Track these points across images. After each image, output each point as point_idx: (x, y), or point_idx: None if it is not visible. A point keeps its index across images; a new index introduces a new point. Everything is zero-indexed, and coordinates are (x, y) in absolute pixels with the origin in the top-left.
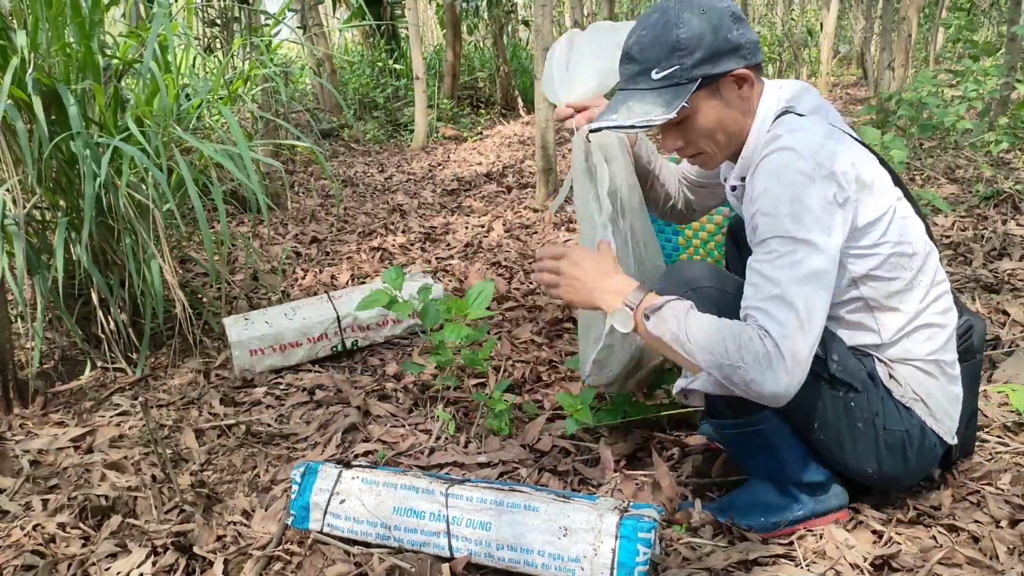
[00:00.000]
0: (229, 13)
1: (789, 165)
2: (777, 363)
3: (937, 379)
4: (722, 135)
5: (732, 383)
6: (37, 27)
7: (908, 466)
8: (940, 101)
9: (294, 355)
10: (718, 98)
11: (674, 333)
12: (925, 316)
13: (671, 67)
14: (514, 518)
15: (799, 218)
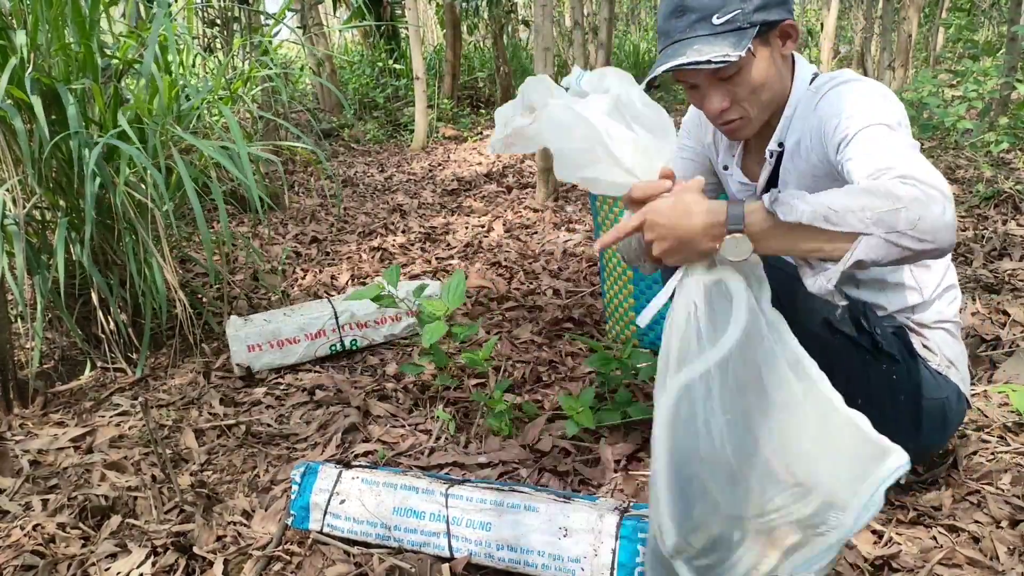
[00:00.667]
0: (229, 13)
1: (863, 86)
2: (933, 195)
3: (959, 341)
4: (767, 93)
5: (899, 232)
6: (37, 27)
7: (946, 432)
8: (940, 101)
9: (292, 352)
10: (769, 50)
11: (813, 210)
12: (949, 276)
13: (732, 11)
14: (514, 518)
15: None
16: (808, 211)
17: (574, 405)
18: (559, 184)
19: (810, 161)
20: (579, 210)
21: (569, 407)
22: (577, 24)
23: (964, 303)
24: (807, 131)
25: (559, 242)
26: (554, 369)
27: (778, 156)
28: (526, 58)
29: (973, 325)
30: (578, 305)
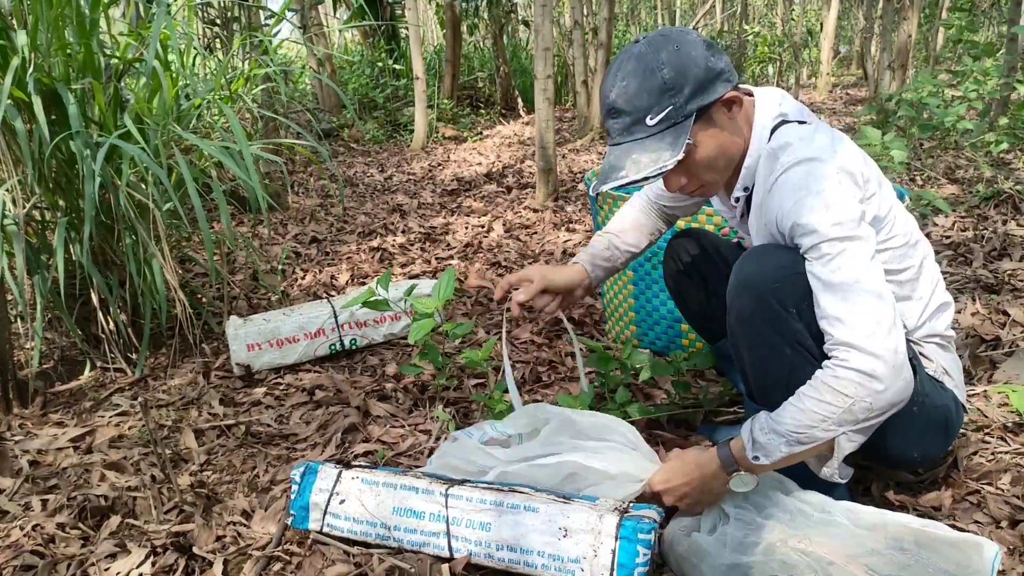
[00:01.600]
0: (229, 12)
1: (814, 173)
2: (877, 368)
3: (952, 353)
4: (723, 160)
5: (862, 421)
6: (37, 27)
7: (948, 441)
8: (940, 101)
9: (292, 351)
10: (713, 126)
11: (786, 440)
12: (936, 298)
13: (665, 108)
14: (514, 519)
15: (839, 219)
16: (783, 447)
17: (574, 404)
18: (559, 184)
19: (773, 234)
20: (579, 210)
21: (569, 405)
22: (577, 24)
23: (963, 305)
24: (767, 207)
25: (559, 242)
26: (554, 369)
27: (745, 199)
28: (526, 58)
29: (973, 325)
30: (578, 305)
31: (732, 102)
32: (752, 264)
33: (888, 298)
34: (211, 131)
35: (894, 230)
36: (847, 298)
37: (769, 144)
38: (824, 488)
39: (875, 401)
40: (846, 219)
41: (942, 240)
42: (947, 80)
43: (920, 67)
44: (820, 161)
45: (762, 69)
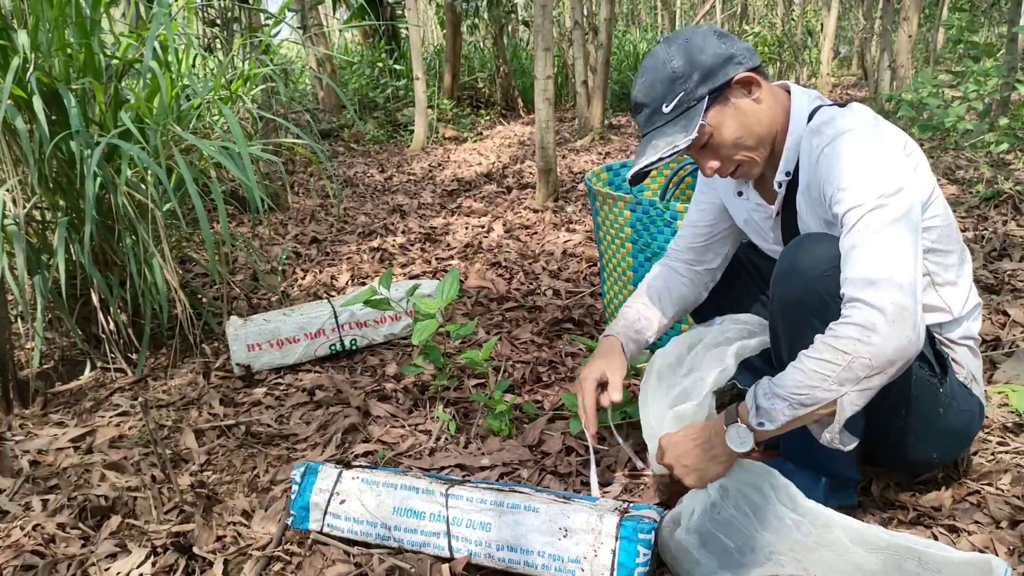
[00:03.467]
0: (229, 13)
1: (854, 142)
2: (876, 321)
3: (978, 358)
4: (750, 140)
5: (864, 378)
6: (38, 27)
7: (966, 445)
8: (941, 102)
9: (292, 352)
10: (732, 107)
11: (789, 404)
12: (972, 296)
13: (676, 96)
14: (514, 519)
15: (879, 184)
16: (786, 411)
17: (575, 404)
18: (559, 185)
19: (823, 215)
20: (579, 210)
21: (572, 404)
22: (577, 24)
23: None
24: (814, 182)
25: (559, 242)
26: (554, 369)
27: (788, 185)
28: (526, 58)
29: None
30: (578, 305)
31: (749, 82)
32: (803, 251)
33: (913, 261)
34: (211, 131)
35: (937, 208)
36: (866, 256)
37: (810, 124)
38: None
39: (874, 357)
40: (886, 185)
41: None
42: (947, 80)
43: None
44: (859, 131)
45: None
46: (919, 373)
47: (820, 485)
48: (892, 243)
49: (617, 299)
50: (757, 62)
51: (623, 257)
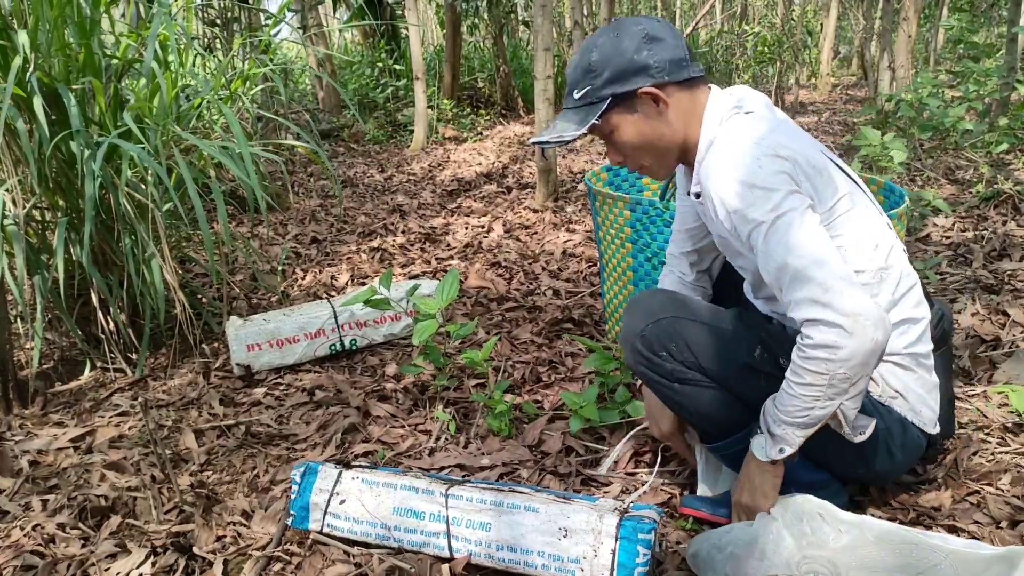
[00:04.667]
0: (229, 13)
1: (734, 160)
2: (838, 339)
3: (914, 372)
4: (651, 149)
5: (848, 387)
6: (38, 27)
7: (895, 461)
8: (940, 102)
9: (292, 352)
10: (636, 114)
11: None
12: (899, 310)
13: (585, 87)
14: (514, 519)
15: (763, 199)
16: (798, 432)
17: (577, 401)
18: (559, 184)
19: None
20: (579, 211)
21: (573, 403)
22: (577, 24)
23: (963, 305)
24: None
25: (559, 242)
26: (554, 369)
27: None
28: (526, 58)
29: (973, 326)
30: (578, 305)
31: (656, 98)
32: (626, 315)
33: (834, 259)
34: (210, 131)
35: (845, 225)
36: (792, 277)
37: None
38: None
39: (849, 369)
40: (771, 200)
41: (942, 240)
42: (947, 81)
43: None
44: (741, 147)
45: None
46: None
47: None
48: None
49: (617, 299)
50: (682, 76)
51: (623, 257)
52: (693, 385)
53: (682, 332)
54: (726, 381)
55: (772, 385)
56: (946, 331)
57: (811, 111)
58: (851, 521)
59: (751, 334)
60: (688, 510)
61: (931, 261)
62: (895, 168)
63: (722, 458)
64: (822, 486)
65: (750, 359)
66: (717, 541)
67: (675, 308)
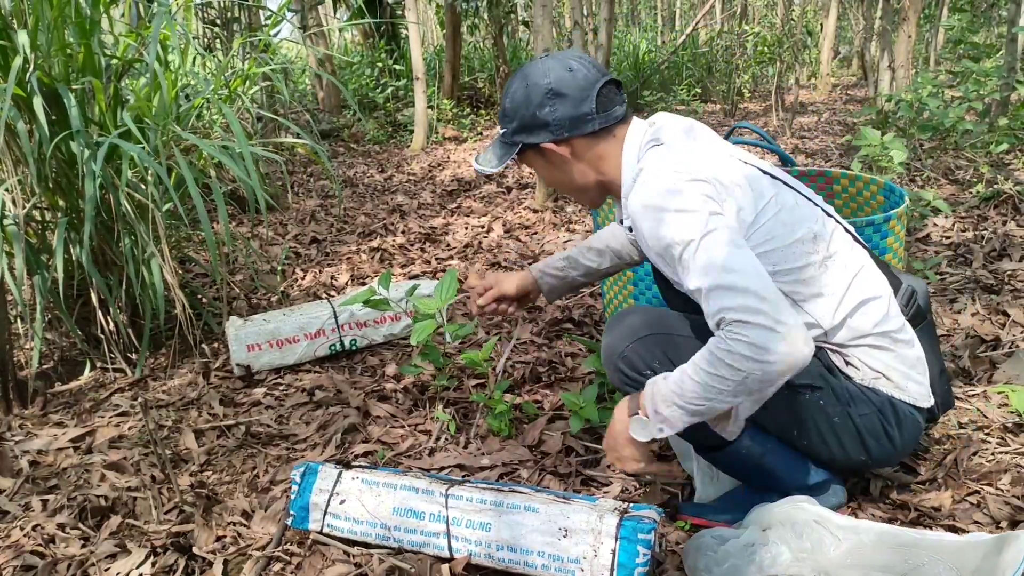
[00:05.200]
0: (229, 13)
1: (655, 191)
2: (769, 341)
3: (891, 350)
4: (566, 188)
5: (757, 391)
6: (38, 27)
7: (895, 443)
8: (940, 102)
9: (292, 352)
10: (544, 160)
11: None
12: (855, 291)
13: (503, 129)
14: (514, 519)
15: (687, 222)
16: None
17: (577, 401)
18: None
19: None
20: (578, 211)
21: (572, 403)
22: (577, 25)
23: (963, 305)
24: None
25: (559, 242)
26: (554, 369)
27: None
28: (526, 58)
29: (973, 326)
30: (578, 305)
31: (556, 152)
32: (606, 336)
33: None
34: (210, 131)
35: (776, 227)
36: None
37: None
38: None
39: (766, 374)
40: (693, 219)
41: (942, 240)
42: (947, 81)
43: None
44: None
45: (762, 69)
46: (790, 398)
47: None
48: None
49: (617, 299)
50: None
51: None
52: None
53: (664, 348)
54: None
55: None
56: (921, 307)
57: (811, 111)
58: (847, 526)
59: None
60: (686, 516)
61: (931, 261)
62: (895, 168)
63: (720, 465)
64: (821, 489)
65: None
66: (714, 554)
67: (654, 325)
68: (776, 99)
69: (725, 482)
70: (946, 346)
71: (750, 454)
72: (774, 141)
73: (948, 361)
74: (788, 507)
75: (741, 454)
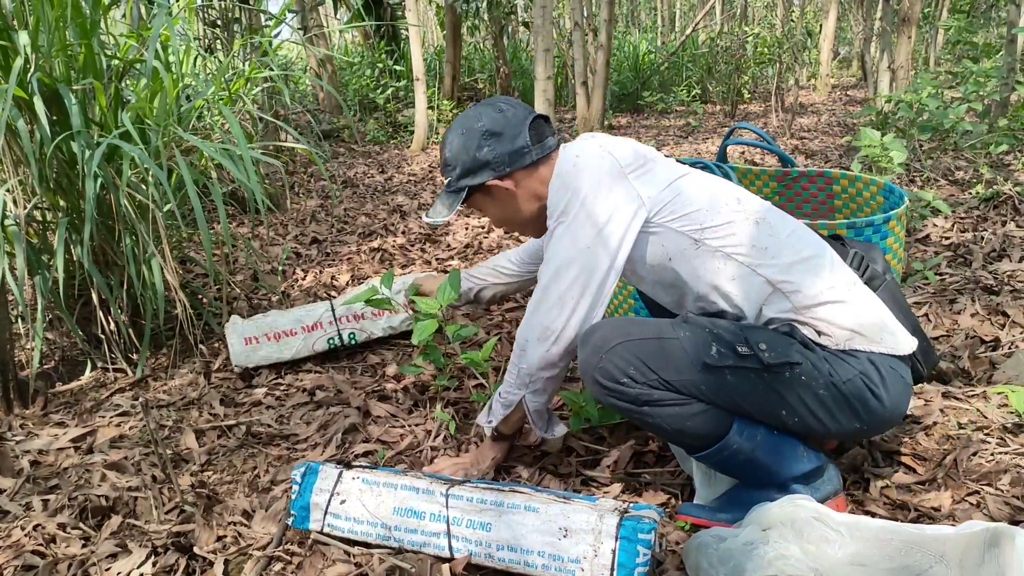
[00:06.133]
0: (230, 14)
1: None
2: (528, 345)
3: (850, 303)
4: (515, 223)
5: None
6: (39, 28)
7: (884, 402)
8: (940, 103)
9: (289, 345)
10: (491, 199)
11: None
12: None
13: (448, 177)
14: (514, 519)
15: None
16: (500, 409)
17: (577, 400)
18: None
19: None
20: None
21: (573, 402)
22: (577, 25)
23: (963, 306)
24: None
25: None
26: None
27: None
28: (526, 59)
29: (972, 326)
30: None
31: (501, 188)
32: (579, 353)
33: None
34: (211, 132)
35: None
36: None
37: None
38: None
39: (528, 367)
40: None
41: (941, 241)
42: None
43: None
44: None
45: (762, 70)
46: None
47: (792, 487)
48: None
49: (616, 300)
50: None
51: None
52: (663, 405)
53: (636, 353)
54: (694, 388)
55: (738, 378)
56: (873, 269)
57: (811, 112)
58: (847, 523)
59: (703, 334)
60: (686, 517)
61: (931, 262)
62: (895, 169)
63: (713, 465)
64: (816, 476)
65: (708, 359)
66: (715, 553)
67: (623, 333)
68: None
69: (724, 482)
70: (946, 346)
71: (740, 450)
72: (774, 142)
73: (948, 362)
74: (788, 506)
75: (731, 451)
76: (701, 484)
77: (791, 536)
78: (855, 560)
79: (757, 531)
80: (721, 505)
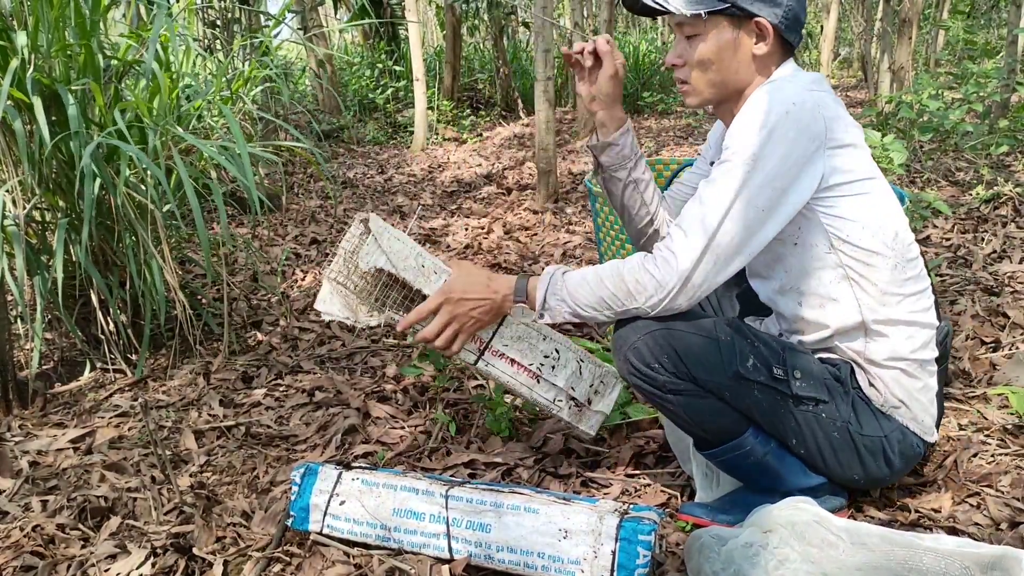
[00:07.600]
0: (229, 14)
1: (771, 96)
2: (674, 287)
3: (919, 379)
4: (713, 74)
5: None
6: (38, 28)
7: (892, 468)
8: (941, 104)
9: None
10: (733, 36)
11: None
12: (908, 306)
13: None
14: (514, 520)
15: (763, 143)
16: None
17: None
18: (559, 186)
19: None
20: (578, 212)
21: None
22: (577, 26)
23: (963, 307)
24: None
25: (558, 244)
26: None
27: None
28: (526, 59)
29: (973, 327)
30: None
31: (763, 34)
32: (618, 326)
33: (734, 232)
34: (211, 132)
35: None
36: (697, 213)
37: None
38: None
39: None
40: (770, 147)
41: (942, 242)
42: (947, 82)
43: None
44: (782, 91)
45: None
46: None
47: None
48: (727, 208)
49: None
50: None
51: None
52: (686, 396)
53: (674, 343)
54: (718, 390)
55: (764, 395)
56: (947, 349)
57: None
58: (848, 528)
59: (744, 344)
60: (687, 516)
61: (931, 263)
62: (895, 170)
63: (718, 464)
64: (823, 491)
65: (742, 369)
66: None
67: (668, 318)
68: None
69: (725, 483)
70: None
71: (753, 451)
72: None
73: (948, 363)
74: (789, 509)
75: (744, 451)
76: (702, 486)
77: (792, 539)
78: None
79: (758, 533)
80: (723, 506)
